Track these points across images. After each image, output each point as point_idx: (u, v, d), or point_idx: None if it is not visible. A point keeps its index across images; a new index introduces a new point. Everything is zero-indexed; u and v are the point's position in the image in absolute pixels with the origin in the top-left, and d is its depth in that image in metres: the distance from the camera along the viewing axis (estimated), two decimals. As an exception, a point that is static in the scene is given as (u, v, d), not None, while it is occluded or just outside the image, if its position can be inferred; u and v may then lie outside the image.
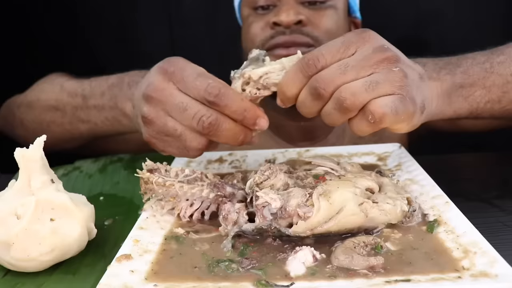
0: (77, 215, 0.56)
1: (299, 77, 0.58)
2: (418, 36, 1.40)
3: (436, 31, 1.40)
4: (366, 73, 0.56)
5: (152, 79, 0.63)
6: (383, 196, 0.58)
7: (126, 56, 1.44)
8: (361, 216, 0.54)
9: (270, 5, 0.96)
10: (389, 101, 0.55)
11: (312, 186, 0.58)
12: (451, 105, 0.70)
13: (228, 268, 0.51)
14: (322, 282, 0.48)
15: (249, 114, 0.60)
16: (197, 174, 0.62)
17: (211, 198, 0.61)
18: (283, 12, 0.91)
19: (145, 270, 0.51)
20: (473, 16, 1.40)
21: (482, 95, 0.72)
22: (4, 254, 0.54)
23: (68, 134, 0.91)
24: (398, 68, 0.56)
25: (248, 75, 0.62)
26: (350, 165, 0.65)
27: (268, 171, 0.60)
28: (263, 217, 0.56)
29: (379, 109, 0.55)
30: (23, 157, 0.56)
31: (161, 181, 0.60)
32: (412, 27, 1.42)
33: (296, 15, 0.91)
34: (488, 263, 0.47)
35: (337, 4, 0.97)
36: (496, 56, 0.74)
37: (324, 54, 0.57)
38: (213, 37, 1.47)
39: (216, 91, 0.59)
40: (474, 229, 0.53)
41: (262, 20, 0.96)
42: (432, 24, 1.41)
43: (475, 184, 0.78)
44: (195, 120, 0.60)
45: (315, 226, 0.54)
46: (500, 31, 1.37)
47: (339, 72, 0.56)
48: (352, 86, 0.55)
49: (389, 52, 0.57)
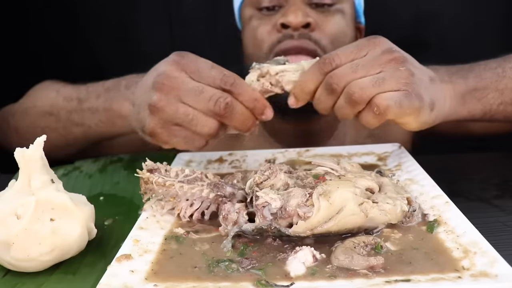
0: (77, 215, 0.56)
1: (316, 74, 0.65)
2: (418, 36, 1.40)
3: (436, 31, 1.41)
4: (374, 71, 0.62)
5: (163, 69, 0.65)
6: (383, 196, 0.58)
7: (126, 56, 1.44)
8: (361, 216, 0.54)
9: (275, 6, 0.94)
10: (393, 95, 0.61)
11: (312, 186, 0.58)
12: (465, 106, 0.74)
13: (228, 268, 0.51)
14: (322, 282, 0.48)
15: (259, 104, 0.66)
16: (197, 174, 0.62)
17: (211, 198, 0.61)
18: (291, 13, 0.90)
19: (145, 270, 0.51)
20: (473, 16, 1.40)
21: (495, 97, 0.75)
22: (4, 254, 0.54)
23: (63, 140, 0.90)
24: (405, 68, 0.62)
25: (266, 69, 0.68)
26: (350, 165, 0.65)
27: (268, 171, 0.60)
28: (263, 217, 0.56)
29: (384, 102, 0.61)
30: (23, 157, 0.56)
31: (161, 181, 0.60)
32: (412, 27, 1.42)
33: (304, 17, 0.90)
34: (488, 263, 0.47)
35: (344, 8, 0.96)
36: (508, 62, 0.78)
37: (339, 55, 0.65)
38: (213, 37, 1.47)
39: (232, 80, 0.64)
40: (474, 229, 0.53)
41: (268, 22, 0.93)
42: (432, 24, 1.41)
43: (475, 184, 0.78)
44: (212, 102, 0.62)
45: (315, 226, 0.54)
46: (500, 31, 1.37)
47: (351, 70, 0.63)
48: (361, 81, 0.62)
49: (397, 53, 0.64)
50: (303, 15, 0.90)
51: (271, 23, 0.93)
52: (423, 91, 0.63)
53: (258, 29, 0.94)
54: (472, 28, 1.40)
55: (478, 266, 0.48)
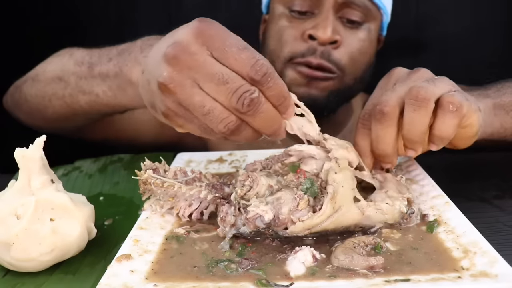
0: (77, 215, 0.56)
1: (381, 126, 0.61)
2: (418, 36, 1.40)
3: (436, 31, 1.40)
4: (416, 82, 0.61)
5: (181, 38, 0.53)
6: (383, 195, 0.58)
7: (126, 56, 1.43)
8: (357, 213, 0.54)
9: (307, 12, 0.94)
10: (456, 93, 0.60)
11: (297, 184, 0.57)
12: (497, 117, 0.73)
13: (227, 268, 0.51)
14: (322, 282, 0.48)
15: (286, 101, 0.55)
16: (195, 175, 0.62)
17: (209, 199, 0.61)
18: (321, 28, 0.90)
19: (145, 270, 0.51)
20: (473, 16, 1.40)
21: None
22: (4, 254, 0.54)
23: (69, 109, 0.84)
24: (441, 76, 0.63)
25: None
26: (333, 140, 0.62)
27: (248, 180, 0.57)
28: (256, 227, 0.55)
29: (455, 98, 0.59)
30: (23, 157, 0.56)
31: (159, 182, 0.60)
32: (412, 27, 1.42)
33: (333, 34, 0.91)
34: (488, 263, 0.47)
35: (371, 27, 0.97)
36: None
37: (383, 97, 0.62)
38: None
39: (265, 70, 0.52)
40: (474, 229, 0.53)
41: (297, 28, 0.94)
42: (432, 25, 1.41)
43: (475, 184, 0.78)
44: (236, 96, 0.51)
45: (313, 226, 0.54)
46: (500, 32, 1.37)
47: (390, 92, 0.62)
48: (416, 84, 0.60)
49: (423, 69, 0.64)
50: (332, 32, 0.91)
51: (299, 30, 0.94)
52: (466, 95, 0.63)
53: (285, 31, 0.95)
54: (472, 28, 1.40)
55: (478, 266, 0.48)
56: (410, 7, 1.41)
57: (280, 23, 0.97)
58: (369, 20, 0.96)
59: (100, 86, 0.77)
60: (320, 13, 0.92)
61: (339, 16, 0.93)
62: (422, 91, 0.58)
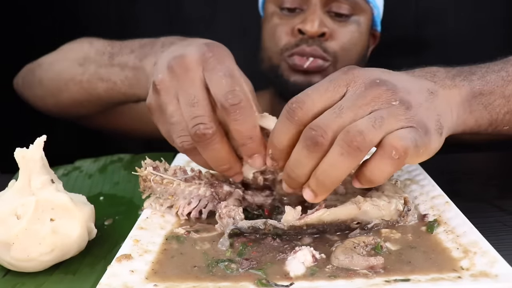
0: (77, 215, 0.56)
1: (286, 124, 0.51)
2: (418, 36, 1.40)
3: (436, 30, 1.40)
4: (365, 113, 0.50)
5: (187, 52, 0.59)
6: (379, 194, 0.58)
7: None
8: (353, 207, 0.54)
9: (296, 8, 0.98)
10: (405, 133, 0.49)
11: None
12: (472, 114, 0.64)
13: (228, 268, 0.51)
14: (322, 282, 0.48)
15: (252, 144, 0.55)
16: (195, 173, 0.63)
17: (208, 197, 0.61)
18: (309, 22, 0.95)
19: (145, 270, 0.51)
20: (473, 15, 1.40)
21: (501, 105, 0.65)
22: (4, 254, 0.54)
23: (85, 94, 0.88)
24: (398, 101, 0.51)
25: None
26: None
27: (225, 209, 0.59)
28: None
29: (400, 142, 0.48)
30: (23, 157, 0.56)
31: (158, 179, 0.60)
32: (412, 27, 1.42)
33: (320, 27, 0.95)
34: (488, 263, 0.47)
35: (360, 20, 1.00)
36: (511, 66, 0.68)
37: (310, 95, 0.51)
38: (213, 37, 1.47)
39: (236, 101, 0.53)
40: (474, 229, 0.53)
41: (287, 24, 0.98)
42: (432, 24, 1.41)
43: (475, 184, 0.77)
44: (192, 122, 0.55)
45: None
46: (500, 31, 1.37)
47: (335, 116, 0.49)
48: (357, 124, 0.49)
49: (383, 86, 0.51)
50: (319, 25, 0.95)
51: (289, 26, 0.98)
52: (426, 118, 0.52)
53: (277, 28, 1.00)
54: (472, 28, 1.40)
55: (478, 266, 0.48)
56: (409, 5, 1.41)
57: (272, 21, 1.01)
58: (357, 13, 1.00)
59: (118, 75, 0.81)
60: (308, 9, 0.97)
61: (327, 11, 0.97)
62: (359, 138, 0.48)
